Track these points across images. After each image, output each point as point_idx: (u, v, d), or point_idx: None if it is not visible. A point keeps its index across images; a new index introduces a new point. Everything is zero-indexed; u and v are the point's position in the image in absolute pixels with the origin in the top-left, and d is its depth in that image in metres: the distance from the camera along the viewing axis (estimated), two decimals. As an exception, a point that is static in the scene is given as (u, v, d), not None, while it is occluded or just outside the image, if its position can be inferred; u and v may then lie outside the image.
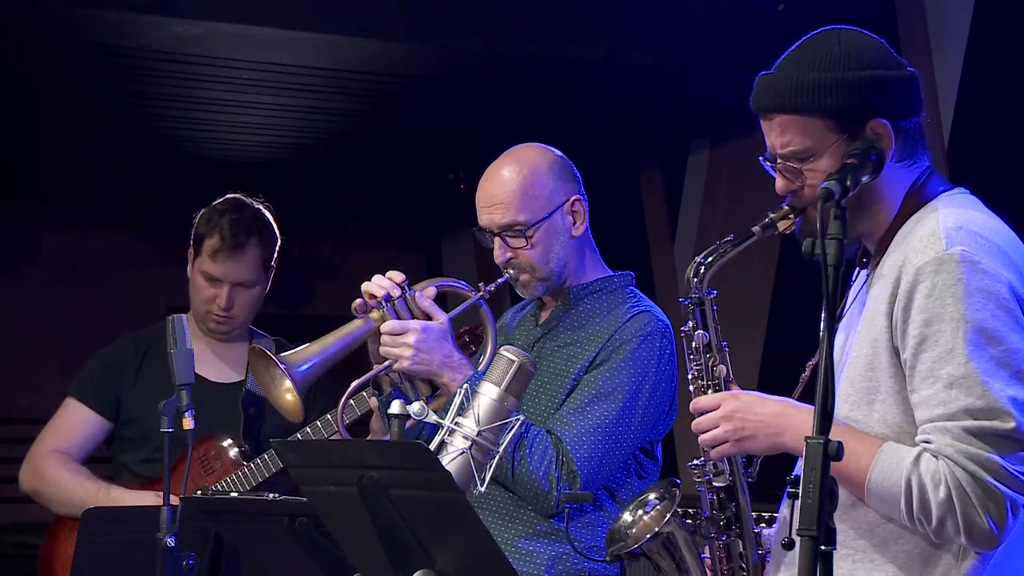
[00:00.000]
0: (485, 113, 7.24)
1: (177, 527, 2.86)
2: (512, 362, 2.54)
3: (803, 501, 2.00)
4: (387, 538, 2.33)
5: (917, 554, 2.35)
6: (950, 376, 2.27)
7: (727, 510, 2.54)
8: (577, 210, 3.24)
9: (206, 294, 3.89)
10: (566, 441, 3.10)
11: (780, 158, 2.46)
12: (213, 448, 3.84)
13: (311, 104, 6.90)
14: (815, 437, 2.01)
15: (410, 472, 2.31)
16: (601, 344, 3.18)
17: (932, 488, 2.26)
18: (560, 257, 3.22)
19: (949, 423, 2.26)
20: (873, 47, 2.46)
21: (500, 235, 3.21)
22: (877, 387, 2.38)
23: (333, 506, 2.48)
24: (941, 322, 2.28)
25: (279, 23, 5.35)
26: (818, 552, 1.99)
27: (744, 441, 2.43)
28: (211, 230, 3.88)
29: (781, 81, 2.44)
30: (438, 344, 3.15)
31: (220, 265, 3.86)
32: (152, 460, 3.88)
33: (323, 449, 2.63)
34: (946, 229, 2.35)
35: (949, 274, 2.29)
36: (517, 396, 2.53)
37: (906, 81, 2.45)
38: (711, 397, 2.49)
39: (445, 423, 2.50)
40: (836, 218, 2.12)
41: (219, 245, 3.86)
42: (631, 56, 5.90)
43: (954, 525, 2.26)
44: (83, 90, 6.56)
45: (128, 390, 3.92)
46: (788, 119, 2.43)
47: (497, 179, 3.23)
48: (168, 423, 3.00)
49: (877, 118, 2.40)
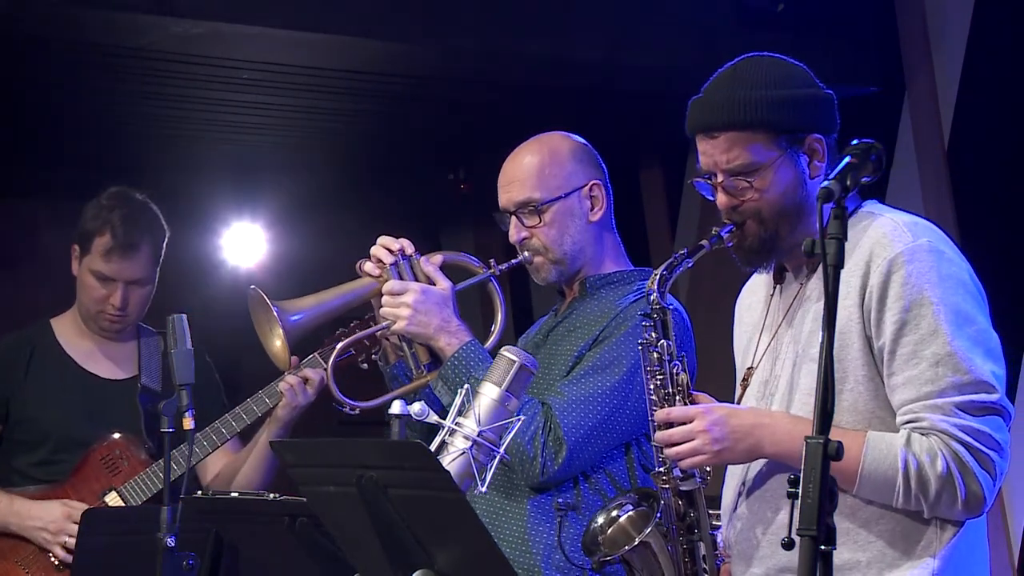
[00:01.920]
0: (485, 113, 7.23)
1: (177, 527, 2.86)
2: (512, 362, 2.54)
3: (803, 501, 2.02)
4: (387, 538, 2.33)
5: (900, 531, 2.45)
6: (935, 355, 2.40)
7: (688, 515, 2.62)
8: (596, 195, 3.23)
9: (98, 294, 3.83)
10: (556, 409, 3.06)
11: (725, 174, 2.56)
12: (117, 447, 3.78)
13: (311, 104, 6.89)
14: (815, 437, 2.03)
15: (410, 472, 2.31)
16: (604, 324, 3.15)
17: (929, 464, 2.38)
18: (575, 241, 3.20)
19: (939, 399, 2.39)
20: (800, 70, 2.63)
21: (515, 213, 3.20)
22: (845, 376, 2.48)
23: (333, 506, 2.48)
24: (920, 307, 2.42)
25: (279, 23, 5.35)
26: (818, 552, 1.99)
27: (722, 453, 2.52)
28: (101, 227, 3.80)
29: (726, 99, 2.57)
30: (437, 307, 3.14)
31: (114, 264, 3.79)
32: (50, 462, 3.79)
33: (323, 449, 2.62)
34: (906, 224, 2.51)
35: (922, 263, 2.44)
36: (518, 396, 2.54)
37: (831, 101, 2.61)
38: (684, 410, 2.56)
39: (446, 423, 2.50)
40: (837, 218, 2.13)
41: (111, 244, 3.78)
42: (631, 56, 5.90)
43: (951, 496, 2.38)
44: (83, 90, 6.56)
45: (17, 390, 3.83)
46: (735, 136, 2.55)
47: (516, 159, 3.26)
48: (168, 423, 3.00)
49: (813, 133, 2.56)
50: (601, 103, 6.80)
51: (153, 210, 3.90)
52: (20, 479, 3.84)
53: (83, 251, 3.83)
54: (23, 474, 3.84)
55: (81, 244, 3.84)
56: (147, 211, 3.89)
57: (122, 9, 5.15)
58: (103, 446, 3.78)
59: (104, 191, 3.91)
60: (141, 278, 3.84)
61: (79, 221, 3.86)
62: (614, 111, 6.96)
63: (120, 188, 3.91)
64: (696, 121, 2.62)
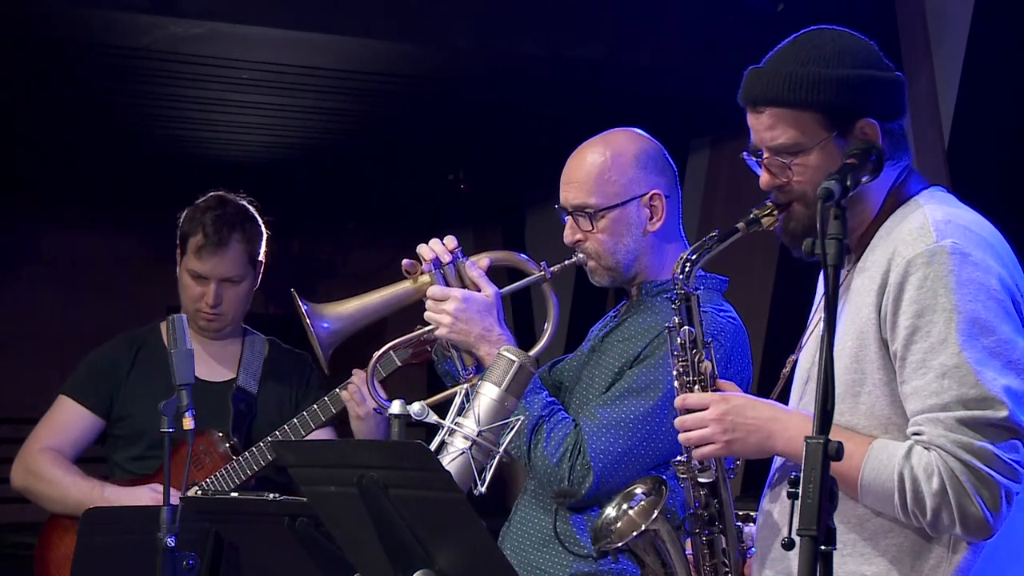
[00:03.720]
0: (485, 113, 7.24)
1: (177, 527, 2.86)
2: (512, 362, 2.54)
3: (803, 501, 2.00)
4: (387, 538, 2.33)
5: (908, 547, 2.35)
6: (942, 366, 2.28)
7: (710, 506, 2.52)
8: (656, 205, 3.11)
9: (194, 292, 3.89)
10: (586, 432, 2.99)
11: (768, 151, 2.45)
12: (203, 443, 3.84)
13: (311, 104, 6.90)
14: (815, 437, 2.01)
15: (410, 472, 2.31)
16: (648, 340, 3.07)
17: (925, 480, 2.26)
18: (630, 250, 3.12)
19: (942, 413, 2.27)
20: (866, 48, 2.48)
21: (572, 214, 3.15)
22: (863, 379, 2.38)
23: (333, 506, 2.48)
24: (933, 313, 2.29)
25: (279, 23, 5.35)
26: (818, 552, 1.99)
27: (733, 443, 2.42)
28: (194, 228, 3.89)
29: (774, 74, 2.44)
30: (479, 316, 3.09)
31: (205, 262, 3.86)
32: (144, 457, 3.88)
33: (323, 449, 2.63)
34: (935, 222, 2.36)
35: (941, 265, 2.31)
36: (517, 396, 2.53)
37: (895, 84, 2.48)
38: (700, 396, 2.48)
39: (445, 423, 2.50)
40: (836, 218, 2.12)
41: (203, 242, 3.86)
42: (631, 56, 5.90)
43: (949, 516, 2.26)
44: (83, 90, 6.57)
45: (121, 388, 3.93)
46: (779, 112, 2.42)
47: (579, 158, 3.17)
48: (168, 423, 2.99)
49: (867, 118, 2.42)
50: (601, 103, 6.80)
51: (248, 211, 3.98)
52: (120, 472, 3.94)
53: (182, 253, 3.91)
54: (122, 468, 3.94)
55: (180, 247, 3.92)
56: (240, 211, 3.96)
57: (122, 9, 5.16)
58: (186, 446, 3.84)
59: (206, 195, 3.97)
60: (234, 275, 3.91)
61: (178, 227, 3.92)
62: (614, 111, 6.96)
63: (219, 192, 3.99)
64: (745, 93, 2.48)
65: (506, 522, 3.21)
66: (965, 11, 5.67)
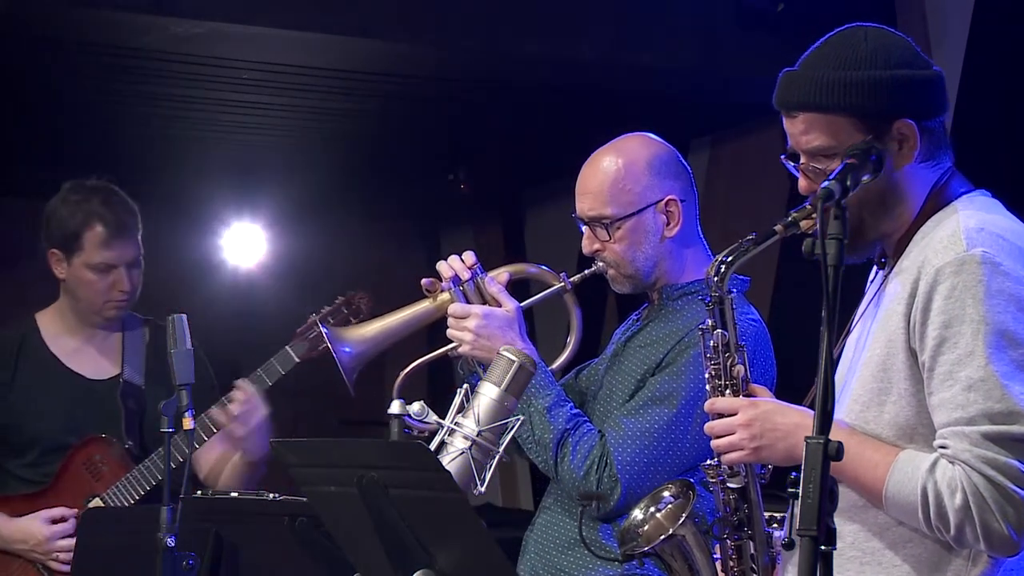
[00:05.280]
0: (485, 113, 7.23)
1: (177, 527, 2.85)
2: (512, 362, 2.54)
3: (803, 501, 1.99)
4: (387, 538, 2.33)
5: (927, 558, 2.33)
6: (969, 379, 2.24)
7: (739, 511, 2.49)
8: (672, 211, 3.11)
9: (100, 285, 3.82)
10: (611, 443, 2.99)
11: (804, 156, 2.41)
12: (96, 451, 3.78)
13: (311, 104, 6.90)
14: (815, 437, 2.00)
15: (410, 472, 2.31)
16: (670, 346, 3.06)
17: (948, 495, 2.24)
18: (648, 257, 3.12)
19: (967, 427, 2.23)
20: (900, 46, 2.43)
21: (589, 225, 3.14)
22: (889, 388, 2.35)
23: (333, 506, 2.48)
24: (961, 324, 2.25)
25: (279, 23, 5.35)
26: (818, 552, 1.98)
27: (761, 450, 2.39)
28: (88, 221, 3.81)
29: (806, 79, 2.39)
30: (500, 331, 3.09)
31: (113, 250, 3.80)
32: (37, 464, 3.79)
33: (323, 449, 2.62)
34: (967, 230, 2.32)
35: (970, 275, 2.27)
36: (517, 396, 2.53)
37: (932, 81, 2.43)
38: (729, 401, 2.44)
39: (445, 423, 2.50)
40: (836, 218, 2.10)
41: (105, 232, 3.81)
42: (631, 56, 5.90)
43: (972, 532, 2.23)
44: (83, 90, 6.56)
45: (4, 393, 3.83)
46: (813, 117, 2.38)
47: (593, 167, 3.15)
48: (168, 423, 2.99)
49: (903, 118, 2.37)
50: (601, 103, 6.81)
51: (121, 192, 3.92)
52: (12, 480, 3.85)
53: (71, 251, 3.81)
54: (14, 475, 3.85)
55: (65, 246, 3.82)
56: (118, 194, 3.92)
57: (122, 9, 5.15)
58: (82, 450, 3.77)
59: (62, 190, 3.90)
60: (136, 257, 3.86)
61: (48, 227, 3.84)
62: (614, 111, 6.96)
63: (76, 181, 3.92)
64: (779, 97, 2.44)
65: (529, 526, 3.21)
66: (965, 11, 5.66)
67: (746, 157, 7.42)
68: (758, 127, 7.32)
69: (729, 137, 7.56)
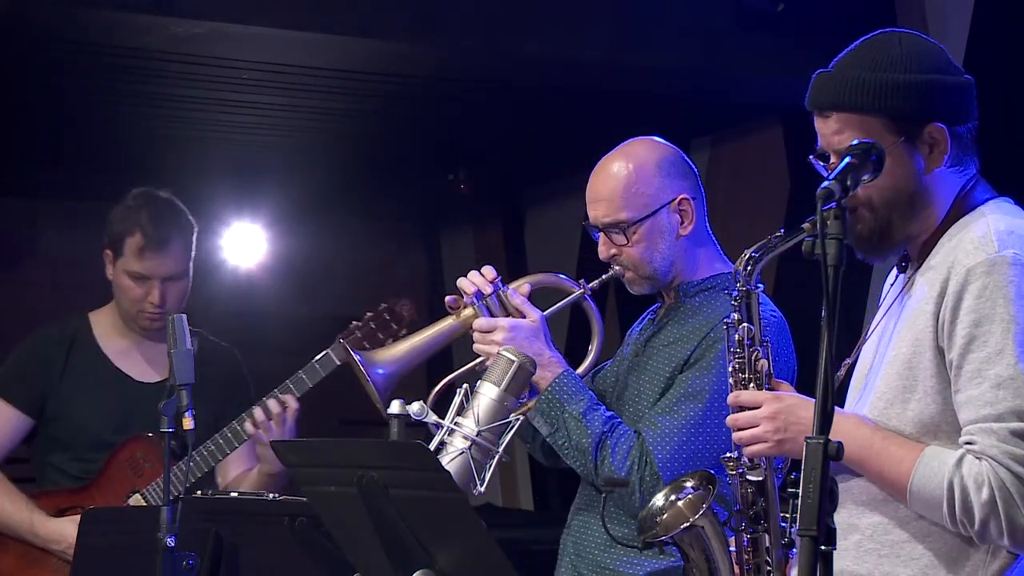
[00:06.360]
0: (485, 113, 7.24)
1: (177, 527, 2.86)
2: (512, 362, 2.54)
3: (803, 501, 1.99)
4: (387, 538, 2.33)
5: (945, 552, 2.36)
6: (998, 377, 2.27)
7: (756, 504, 2.51)
8: (685, 209, 3.16)
9: (135, 294, 3.84)
10: (649, 442, 3.02)
11: (835, 156, 2.44)
12: (140, 448, 3.80)
13: (311, 104, 6.90)
14: (815, 437, 2.01)
15: (410, 472, 2.31)
16: (696, 342, 3.10)
17: (975, 490, 2.27)
18: (665, 256, 3.16)
19: (996, 424, 2.27)
20: (934, 52, 2.47)
21: (604, 231, 3.17)
22: (915, 385, 2.38)
23: (333, 506, 2.49)
24: (991, 323, 2.29)
25: (279, 23, 5.36)
26: (818, 552, 1.98)
27: (784, 443, 2.41)
28: (131, 228, 3.83)
29: (840, 79, 2.43)
30: (528, 342, 3.10)
31: (147, 262, 3.81)
32: (81, 460, 3.82)
33: (323, 449, 2.63)
34: (998, 233, 2.37)
35: (1001, 276, 2.31)
36: (516, 396, 2.54)
37: (964, 87, 2.47)
38: (753, 395, 2.47)
39: (445, 423, 2.50)
40: (836, 218, 2.12)
41: (143, 242, 3.81)
42: (631, 56, 5.90)
43: (997, 527, 2.26)
44: (83, 90, 6.57)
45: (55, 387, 3.86)
46: (846, 117, 2.42)
47: (603, 174, 3.19)
48: (168, 423, 2.99)
49: (935, 122, 2.41)
50: (601, 103, 6.81)
51: (179, 206, 3.94)
52: (55, 473, 3.88)
53: (116, 254, 3.86)
54: (58, 469, 3.88)
55: (113, 248, 3.87)
56: (174, 207, 3.92)
57: (122, 9, 5.15)
58: (127, 448, 3.80)
59: (128, 194, 3.93)
60: (175, 273, 3.86)
61: (107, 227, 3.87)
62: (614, 111, 6.96)
63: (144, 189, 3.94)
64: (813, 98, 2.48)
65: (565, 528, 3.24)
66: (965, 11, 5.67)
67: (746, 157, 7.42)
68: (758, 127, 7.33)
69: (729, 137, 7.57)
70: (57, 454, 3.87)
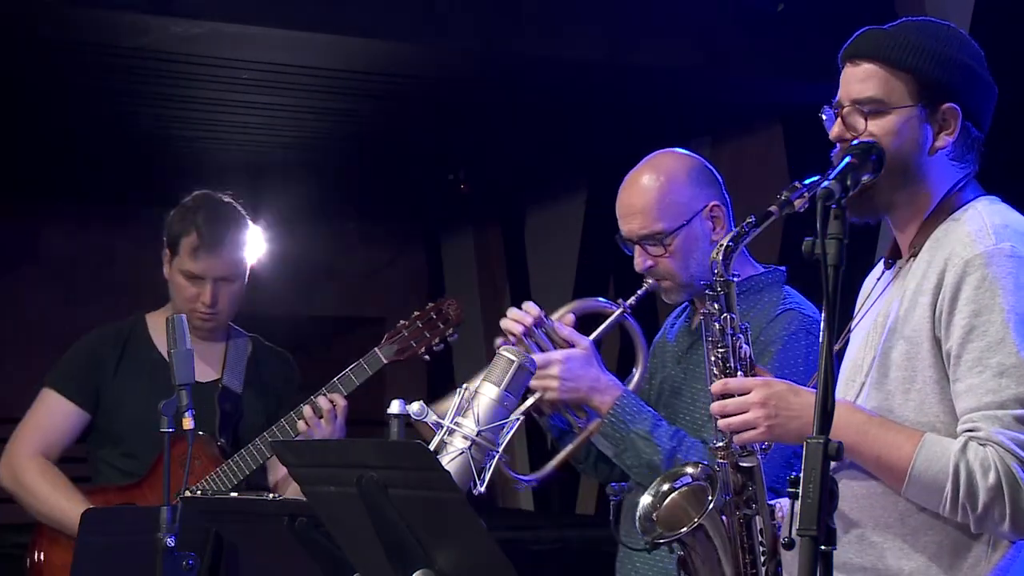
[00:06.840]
0: (485, 113, 7.24)
1: (177, 527, 2.85)
2: (511, 362, 2.54)
3: (803, 501, 2.00)
4: (387, 538, 2.33)
5: (948, 545, 2.37)
6: (1000, 365, 2.30)
7: (747, 490, 2.53)
8: (717, 216, 3.21)
9: (189, 293, 3.87)
10: None
11: (850, 103, 2.48)
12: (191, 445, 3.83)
13: (311, 104, 6.91)
14: (815, 437, 2.02)
15: (410, 472, 2.31)
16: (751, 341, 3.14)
17: (981, 474, 2.28)
18: (700, 263, 3.17)
19: (999, 411, 2.30)
20: (976, 48, 2.57)
21: (640, 243, 3.20)
22: (914, 376, 2.40)
23: (333, 506, 2.48)
24: (991, 313, 2.32)
25: (279, 23, 5.36)
26: (818, 552, 1.99)
27: (775, 428, 2.42)
28: (187, 228, 3.85)
29: (890, 34, 2.50)
30: (583, 371, 3.14)
31: (201, 262, 3.83)
32: (129, 456, 3.84)
33: (323, 449, 2.62)
34: (994, 226, 2.41)
35: (1000, 267, 2.34)
36: (516, 395, 2.53)
37: (990, 88, 2.56)
38: (742, 381, 2.47)
39: (445, 423, 2.50)
40: (836, 218, 2.12)
41: (198, 242, 3.83)
42: (631, 56, 5.91)
43: (1000, 512, 2.28)
44: (83, 90, 6.57)
45: (109, 382, 3.89)
46: (876, 68, 2.47)
47: (635, 187, 3.22)
48: (168, 423, 2.99)
49: (954, 103, 2.48)
50: (601, 103, 6.81)
51: (238, 209, 3.95)
52: (105, 468, 3.90)
53: (172, 253, 3.88)
54: (108, 463, 3.89)
55: (171, 248, 3.89)
56: (231, 209, 3.94)
57: (122, 9, 5.16)
58: (177, 446, 3.82)
59: (189, 195, 3.96)
60: (228, 274, 3.88)
61: (165, 227, 3.90)
62: (614, 111, 6.97)
63: (204, 191, 3.97)
64: (852, 45, 2.52)
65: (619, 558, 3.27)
66: (965, 11, 5.67)
67: (746, 157, 7.42)
68: (758, 127, 7.33)
69: (729, 137, 7.57)
70: (108, 448, 3.89)
